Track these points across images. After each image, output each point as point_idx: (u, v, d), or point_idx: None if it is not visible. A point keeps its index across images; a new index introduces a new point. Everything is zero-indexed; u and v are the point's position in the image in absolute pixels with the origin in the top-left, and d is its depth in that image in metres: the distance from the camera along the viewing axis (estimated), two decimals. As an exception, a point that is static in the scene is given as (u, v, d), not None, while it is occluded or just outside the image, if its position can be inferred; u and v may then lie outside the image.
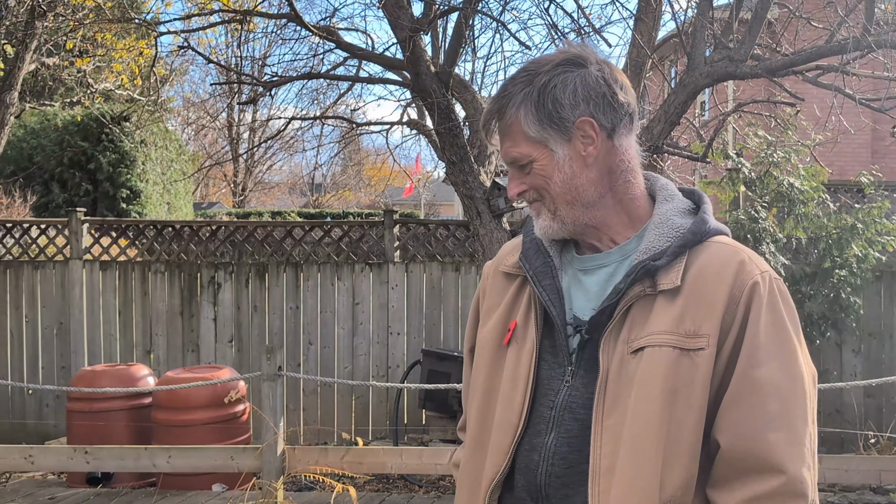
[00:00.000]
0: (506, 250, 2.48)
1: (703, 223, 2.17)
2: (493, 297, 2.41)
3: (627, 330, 2.09)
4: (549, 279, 2.24)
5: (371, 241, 10.24)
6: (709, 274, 2.09)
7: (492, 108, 2.20)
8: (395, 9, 7.78)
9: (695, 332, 2.04)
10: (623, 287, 2.11)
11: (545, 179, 2.16)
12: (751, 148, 8.43)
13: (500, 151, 2.22)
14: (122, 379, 8.57)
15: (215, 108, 34.82)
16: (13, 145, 20.47)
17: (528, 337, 2.25)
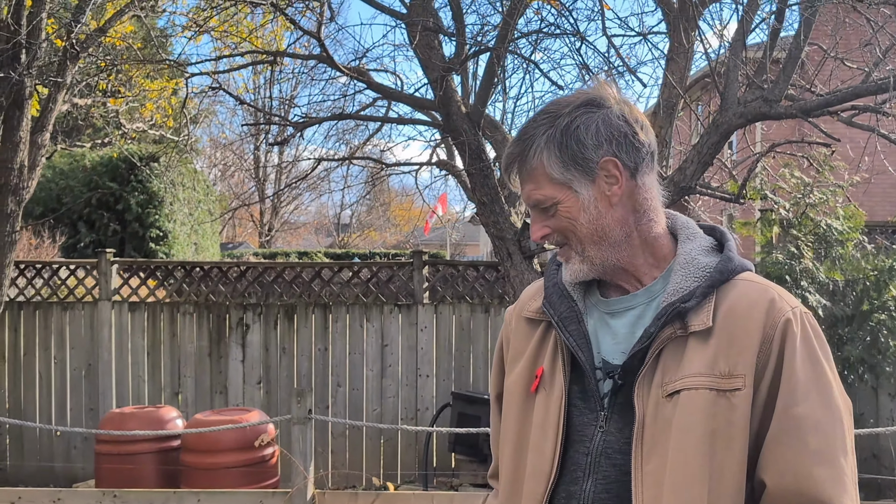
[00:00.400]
0: (527, 295, 2.46)
1: (728, 261, 2.17)
2: (517, 344, 2.39)
3: (661, 373, 2.07)
4: (575, 324, 2.22)
5: (400, 282, 10.19)
6: (739, 313, 2.08)
7: (513, 151, 2.18)
8: (426, 49, 7.78)
9: (730, 372, 2.03)
10: (654, 330, 2.09)
11: (571, 221, 2.15)
12: (785, 189, 8.34)
13: (521, 195, 2.22)
14: (150, 421, 8.51)
15: (242, 149, 35.03)
16: (42, 186, 20.54)
17: (556, 383, 2.22)
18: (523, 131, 2.19)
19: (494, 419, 2.52)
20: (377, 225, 46.00)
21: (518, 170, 2.18)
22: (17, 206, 9.53)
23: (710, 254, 2.21)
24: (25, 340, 10.43)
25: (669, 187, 7.42)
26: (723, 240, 2.27)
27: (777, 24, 7.40)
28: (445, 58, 7.81)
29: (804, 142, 7.82)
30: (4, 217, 9.49)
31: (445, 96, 7.52)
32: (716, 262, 2.17)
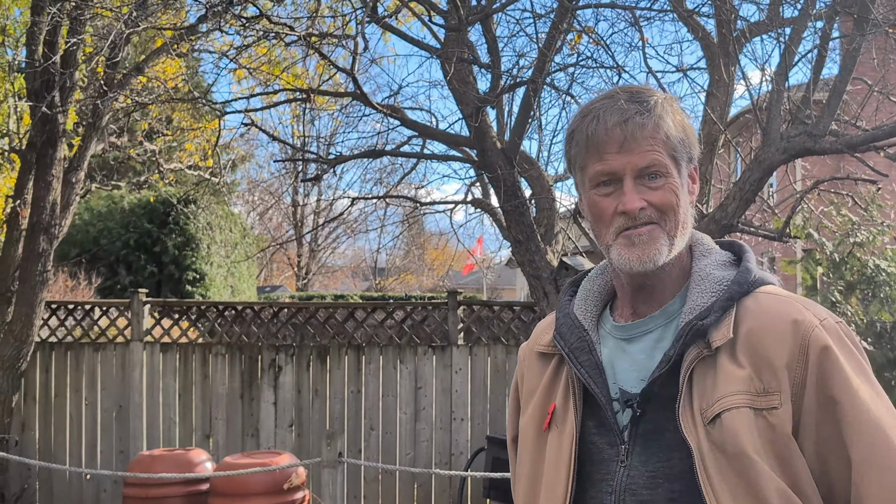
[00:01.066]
0: (540, 329, 2.32)
1: (747, 273, 2.03)
2: (530, 381, 2.27)
3: (698, 399, 1.92)
4: (587, 354, 2.09)
5: (434, 324, 10.00)
6: (764, 327, 1.94)
7: (628, 108, 1.99)
8: (461, 84, 7.66)
9: (764, 389, 1.89)
10: (673, 353, 1.95)
11: (677, 197, 2.00)
12: (830, 227, 8.11)
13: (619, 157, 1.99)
14: (179, 464, 8.35)
15: (280, 191, 35.09)
16: (79, 228, 20.63)
17: (569, 419, 2.08)
18: (636, 92, 2.04)
19: (512, 463, 2.37)
20: (413, 268, 45.88)
21: (632, 127, 1.98)
22: (48, 245, 9.48)
23: (728, 267, 2.08)
24: (57, 381, 10.32)
25: (710, 225, 7.24)
26: (740, 253, 2.14)
27: (820, 56, 7.21)
28: (480, 92, 7.67)
29: (850, 178, 7.59)
30: (36, 256, 9.44)
31: (480, 131, 7.38)
32: (733, 275, 2.04)
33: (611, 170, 1.99)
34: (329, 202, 33.39)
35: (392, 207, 14.43)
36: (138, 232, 20.55)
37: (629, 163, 1.97)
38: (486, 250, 27.32)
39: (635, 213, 1.97)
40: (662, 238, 1.99)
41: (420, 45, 7.59)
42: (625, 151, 1.97)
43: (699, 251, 2.11)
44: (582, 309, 2.19)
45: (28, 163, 9.68)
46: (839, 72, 7.10)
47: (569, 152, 2.11)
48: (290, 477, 8.08)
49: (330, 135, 27.84)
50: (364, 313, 10.22)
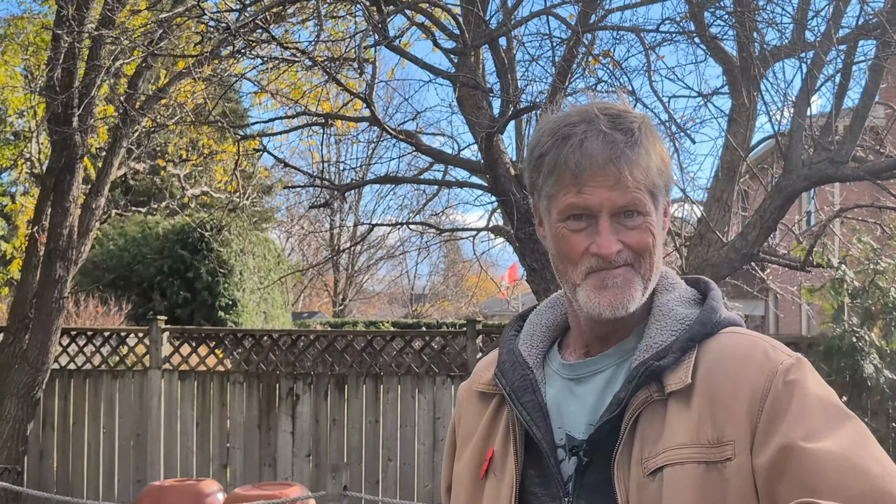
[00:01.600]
0: (481, 367, 2.08)
1: (712, 312, 1.82)
2: (468, 423, 2.03)
3: (639, 447, 1.72)
4: (530, 394, 1.86)
5: (453, 352, 9.83)
6: (726, 368, 1.73)
7: (615, 138, 1.75)
8: (474, 110, 7.53)
9: (718, 439, 1.67)
10: (625, 396, 1.74)
11: (653, 238, 1.79)
12: (855, 256, 7.88)
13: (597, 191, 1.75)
14: (189, 495, 8.22)
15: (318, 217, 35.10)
16: (113, 254, 20.70)
17: (508, 467, 1.86)
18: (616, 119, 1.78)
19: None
20: (450, 295, 45.71)
21: (624, 163, 1.75)
22: (65, 272, 9.43)
23: (692, 305, 1.88)
24: (75, 409, 10.26)
25: (730, 254, 7.04)
26: (706, 290, 1.92)
27: (843, 81, 7.01)
28: (494, 118, 7.53)
29: (873, 206, 7.36)
30: (52, 283, 9.38)
31: (491, 157, 7.23)
32: (696, 314, 1.83)
33: (586, 205, 1.76)
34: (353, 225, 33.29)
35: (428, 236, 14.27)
36: (172, 258, 20.58)
37: (608, 199, 1.75)
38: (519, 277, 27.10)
39: (612, 257, 1.76)
40: (636, 282, 1.79)
41: (430, 69, 7.46)
42: (604, 186, 1.75)
43: (662, 285, 1.89)
44: (527, 345, 1.97)
45: (47, 188, 9.66)
46: (861, 96, 6.90)
47: (534, 174, 1.86)
48: (296, 509, 7.93)
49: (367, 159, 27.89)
50: (383, 341, 10.06)
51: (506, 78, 7.42)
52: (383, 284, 47.75)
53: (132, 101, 9.70)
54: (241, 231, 20.92)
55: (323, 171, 9.72)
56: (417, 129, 9.56)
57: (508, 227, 9.37)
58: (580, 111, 1.83)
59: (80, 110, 9.13)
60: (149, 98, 10.05)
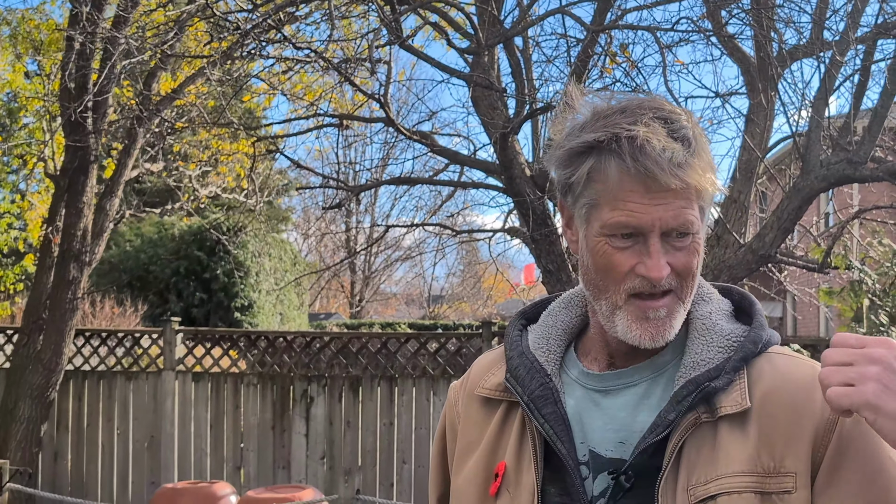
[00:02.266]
0: (481, 368, 1.90)
1: (761, 329, 1.69)
2: (469, 432, 1.84)
3: (686, 473, 1.58)
4: (552, 406, 1.70)
5: (469, 354, 9.75)
6: (787, 395, 1.60)
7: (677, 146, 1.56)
8: (489, 110, 7.47)
9: (775, 468, 1.56)
10: (675, 417, 1.59)
11: (697, 258, 1.65)
12: (874, 258, 7.79)
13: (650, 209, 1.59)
14: (202, 498, 8.18)
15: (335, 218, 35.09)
16: (130, 255, 20.73)
17: (525, 484, 1.69)
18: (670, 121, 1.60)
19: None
20: (467, 296, 45.61)
21: (687, 173, 1.58)
22: (79, 273, 9.40)
23: (731, 319, 1.74)
24: (89, 411, 10.22)
25: (747, 255, 6.96)
26: (743, 303, 1.78)
27: (862, 81, 6.92)
28: (509, 118, 7.47)
29: (893, 207, 7.26)
30: (66, 284, 9.36)
31: (506, 158, 7.17)
32: (743, 331, 1.70)
33: (637, 224, 1.59)
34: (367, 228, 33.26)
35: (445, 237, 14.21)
36: (188, 259, 20.59)
37: (660, 220, 1.58)
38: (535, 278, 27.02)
39: (661, 282, 1.61)
40: (678, 311, 1.65)
41: (444, 69, 7.40)
42: (658, 204, 1.58)
43: (698, 295, 1.74)
44: (543, 348, 1.80)
45: (61, 189, 9.64)
46: (881, 95, 6.81)
47: (567, 172, 1.66)
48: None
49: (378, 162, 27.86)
50: (398, 343, 10.00)
51: (521, 78, 7.36)
52: (400, 286, 47.80)
53: (146, 103, 9.68)
54: (258, 232, 20.91)
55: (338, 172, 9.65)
56: (433, 129, 9.52)
57: (524, 228, 9.33)
58: (625, 107, 1.64)
59: (94, 113, 9.12)
60: (162, 99, 10.02)
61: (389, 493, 9.49)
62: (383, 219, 36.63)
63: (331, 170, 23.10)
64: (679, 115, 1.62)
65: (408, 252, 36.53)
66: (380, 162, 13.44)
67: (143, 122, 9.64)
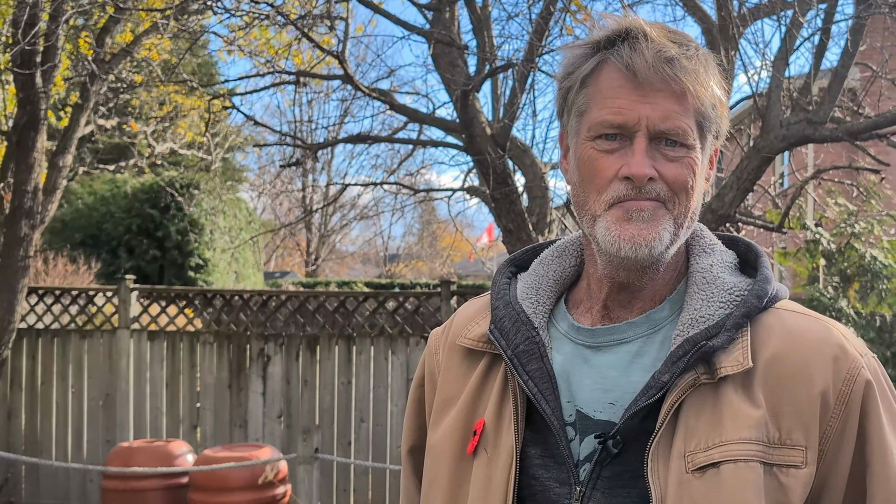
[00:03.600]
0: (465, 316, 1.79)
1: (766, 282, 1.59)
2: (448, 385, 1.74)
3: (682, 438, 1.48)
4: (537, 361, 1.60)
5: (427, 313, 9.73)
6: (794, 357, 1.51)
7: (675, 47, 1.51)
8: (449, 68, 7.40)
9: (780, 439, 1.46)
10: (670, 379, 1.49)
11: (694, 178, 1.54)
12: (830, 218, 7.83)
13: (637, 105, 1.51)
14: (158, 456, 8.14)
15: (291, 176, 34.86)
16: (82, 213, 20.47)
17: (505, 444, 1.60)
18: (673, 32, 1.55)
19: (406, 483, 1.89)
20: (425, 255, 45.60)
21: (677, 70, 1.50)
22: (30, 230, 9.25)
23: (735, 272, 1.64)
24: (43, 369, 10.11)
25: (707, 215, 6.97)
26: (749, 255, 1.68)
27: (822, 40, 6.92)
28: (470, 76, 7.41)
29: (850, 167, 7.28)
30: (17, 241, 9.21)
31: (467, 116, 7.11)
32: (748, 284, 1.60)
33: (622, 121, 1.52)
34: (323, 187, 33.09)
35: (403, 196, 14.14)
36: (141, 217, 20.37)
37: (648, 118, 1.51)
38: (496, 237, 27.04)
39: (643, 180, 1.51)
40: (666, 221, 1.54)
41: (404, 25, 7.31)
42: (646, 102, 1.51)
43: (699, 247, 1.66)
44: (532, 299, 1.70)
45: (12, 146, 9.46)
46: (841, 56, 6.81)
47: (564, 95, 1.61)
48: (265, 470, 7.86)
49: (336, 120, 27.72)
50: (356, 302, 9.96)
51: (482, 35, 7.30)
52: (356, 245, 47.71)
53: (99, 58, 9.51)
54: (212, 190, 20.69)
55: (295, 129, 9.54)
56: (391, 87, 9.44)
57: (484, 187, 9.30)
58: (621, 20, 1.58)
59: (42, 67, 8.94)
60: (116, 54, 9.85)
61: (347, 451, 9.47)
62: (340, 177, 36.47)
63: (288, 127, 22.86)
64: (685, 36, 1.57)
65: (364, 211, 36.46)
66: (337, 120, 13.36)
67: (96, 77, 9.47)
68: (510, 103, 7.44)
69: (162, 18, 8.82)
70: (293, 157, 9.56)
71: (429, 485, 1.71)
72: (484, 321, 1.72)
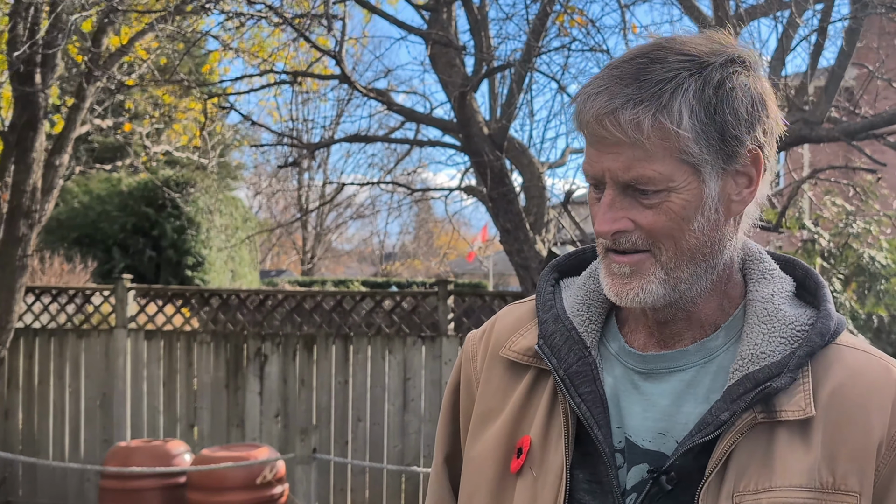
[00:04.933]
0: (507, 324, 1.72)
1: (829, 319, 1.52)
2: (490, 396, 1.68)
3: (733, 478, 1.44)
4: (590, 384, 1.55)
5: (424, 313, 9.74)
6: (853, 400, 1.47)
7: (628, 94, 1.42)
8: (447, 67, 7.41)
9: (835, 485, 1.43)
10: (729, 417, 1.45)
11: (679, 222, 1.46)
12: (828, 218, 7.84)
13: (602, 158, 1.47)
14: (156, 456, 8.15)
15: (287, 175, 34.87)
16: (78, 212, 20.46)
17: (553, 465, 1.55)
18: (643, 69, 1.44)
19: (442, 493, 1.82)
20: (421, 254, 45.62)
21: (612, 125, 1.43)
22: (28, 230, 9.25)
23: (796, 303, 1.58)
24: (40, 368, 10.11)
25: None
26: (808, 282, 1.61)
27: (819, 40, 6.93)
28: (467, 76, 7.42)
29: (847, 167, 7.29)
30: (16, 241, 9.21)
31: (464, 116, 7.12)
32: (809, 318, 1.54)
33: (593, 173, 1.49)
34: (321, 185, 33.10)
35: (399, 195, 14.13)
36: (136, 215, 20.36)
37: (610, 170, 1.46)
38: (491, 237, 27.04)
39: (608, 236, 1.48)
40: (652, 272, 1.49)
41: (402, 26, 7.32)
42: (608, 153, 1.45)
43: (758, 272, 1.59)
44: (583, 316, 1.63)
45: (10, 145, 9.46)
46: (838, 56, 6.82)
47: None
48: (264, 470, 7.87)
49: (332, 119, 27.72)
50: (353, 301, 9.96)
51: (479, 36, 7.30)
52: (353, 243, 47.71)
53: (95, 58, 9.50)
54: (208, 189, 20.71)
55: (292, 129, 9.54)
56: (388, 87, 9.44)
57: (481, 186, 9.31)
58: (629, 53, 1.51)
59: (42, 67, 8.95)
60: (112, 55, 9.84)
61: (344, 451, 9.48)
62: (336, 176, 36.46)
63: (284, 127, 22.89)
64: (666, 63, 1.46)
65: (360, 209, 36.46)
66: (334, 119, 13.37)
67: (92, 78, 9.47)
68: (508, 103, 7.46)
69: (158, 19, 8.82)
70: (290, 156, 9.56)
71: (468, 499, 1.67)
72: (529, 333, 1.66)
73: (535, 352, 1.62)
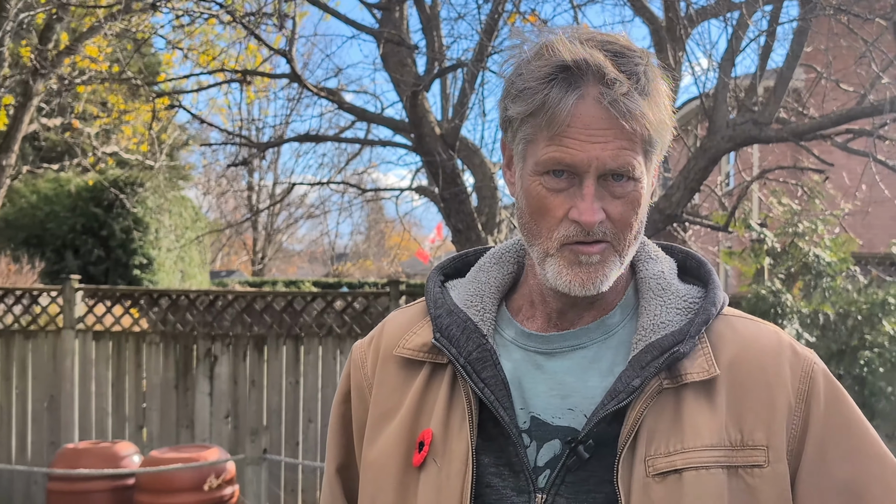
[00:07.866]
0: (397, 326, 1.75)
1: (718, 290, 1.61)
2: (385, 398, 1.68)
3: (644, 443, 1.49)
4: (491, 369, 1.57)
5: (376, 314, 9.71)
6: (751, 362, 1.55)
7: (616, 79, 1.45)
8: (398, 67, 7.39)
9: (742, 441, 1.49)
10: (640, 383, 1.49)
11: (638, 211, 1.53)
12: (775, 217, 7.91)
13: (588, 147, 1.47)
14: (104, 458, 8.06)
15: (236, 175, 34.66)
16: (26, 212, 20.22)
17: (457, 453, 1.56)
18: (619, 54, 1.48)
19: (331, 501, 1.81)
20: (373, 254, 45.54)
21: (622, 111, 1.45)
22: (-26, 230, 9.12)
23: (682, 281, 1.67)
24: (-14, 370, 9.97)
25: (654, 215, 7.02)
26: (689, 262, 1.71)
27: (768, 42, 7.00)
28: (419, 76, 7.41)
29: (795, 168, 7.38)
30: (-39, 241, 9.08)
31: (417, 116, 7.11)
32: (699, 291, 1.63)
33: (572, 162, 1.47)
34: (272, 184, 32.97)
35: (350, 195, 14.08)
36: (85, 216, 20.15)
37: (597, 159, 1.46)
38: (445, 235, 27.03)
39: (593, 227, 1.49)
40: (613, 261, 1.54)
41: (353, 25, 7.30)
42: (596, 141, 1.46)
43: (644, 253, 1.67)
44: (477, 307, 1.66)
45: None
46: (786, 57, 6.90)
47: (510, 105, 1.53)
48: (212, 475, 7.80)
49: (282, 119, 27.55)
50: (303, 302, 9.91)
51: (431, 35, 7.29)
52: (303, 243, 47.53)
53: (43, 55, 9.40)
54: (157, 189, 20.52)
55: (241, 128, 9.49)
56: (339, 86, 9.40)
57: (433, 186, 9.30)
58: (576, 36, 1.51)
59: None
60: (59, 53, 9.74)
61: (295, 451, 9.43)
62: (286, 175, 36.30)
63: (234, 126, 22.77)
64: (630, 50, 1.51)
65: (311, 209, 36.32)
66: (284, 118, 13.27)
67: (39, 76, 9.36)
68: (460, 103, 7.46)
69: (107, 17, 8.73)
70: (239, 155, 9.50)
71: (371, 501, 1.66)
72: (422, 330, 1.69)
73: (431, 347, 1.65)
